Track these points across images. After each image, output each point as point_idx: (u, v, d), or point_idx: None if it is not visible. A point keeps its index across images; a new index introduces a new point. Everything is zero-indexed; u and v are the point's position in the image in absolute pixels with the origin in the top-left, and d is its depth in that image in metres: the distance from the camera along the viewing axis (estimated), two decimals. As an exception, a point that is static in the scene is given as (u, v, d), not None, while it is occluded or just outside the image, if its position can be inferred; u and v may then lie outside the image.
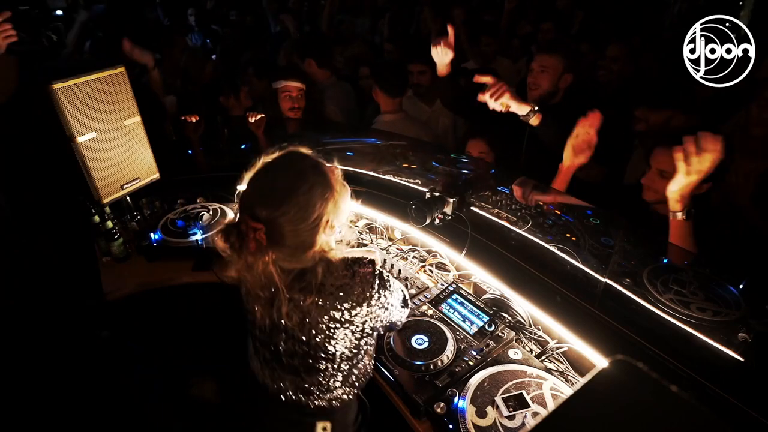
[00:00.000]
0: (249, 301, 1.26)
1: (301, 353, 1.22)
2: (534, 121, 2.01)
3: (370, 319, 1.21)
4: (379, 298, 1.20)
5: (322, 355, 1.22)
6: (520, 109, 1.97)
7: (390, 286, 1.25)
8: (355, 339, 1.22)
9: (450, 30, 2.18)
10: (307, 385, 1.27)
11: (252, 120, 2.74)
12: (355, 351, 1.26)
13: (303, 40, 4.01)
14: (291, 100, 2.87)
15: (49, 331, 2.44)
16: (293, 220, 1.10)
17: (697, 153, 1.39)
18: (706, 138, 1.39)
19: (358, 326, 1.20)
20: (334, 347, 1.21)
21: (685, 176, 1.45)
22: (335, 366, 1.25)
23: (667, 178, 1.71)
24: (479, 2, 4.92)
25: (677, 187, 1.50)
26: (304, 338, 1.19)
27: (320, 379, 1.26)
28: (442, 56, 2.27)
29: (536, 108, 1.99)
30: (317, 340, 1.19)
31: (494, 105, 1.93)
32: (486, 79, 1.91)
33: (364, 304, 1.18)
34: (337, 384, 1.29)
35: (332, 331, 1.18)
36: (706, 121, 2.35)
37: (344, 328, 1.19)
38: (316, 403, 1.29)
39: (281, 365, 1.28)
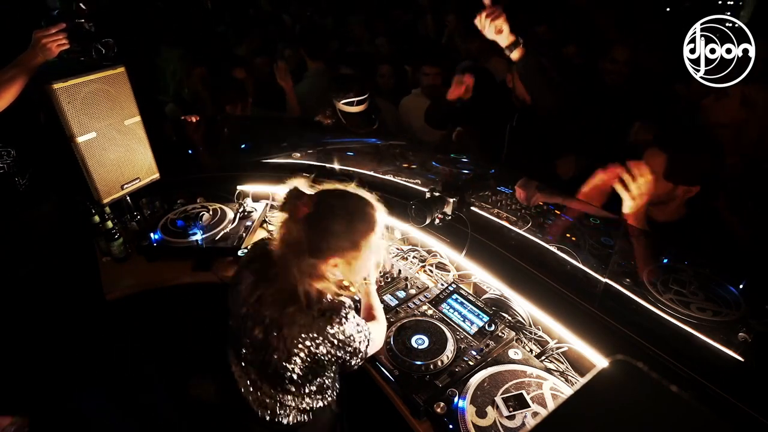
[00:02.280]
0: (241, 303, 1.32)
1: (266, 365, 1.27)
2: (515, 55, 1.95)
3: (326, 350, 1.22)
4: (335, 334, 1.22)
5: (281, 372, 1.25)
6: (508, 38, 1.90)
7: (346, 325, 1.25)
8: (306, 367, 1.24)
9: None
10: (271, 400, 1.35)
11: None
12: (309, 378, 1.30)
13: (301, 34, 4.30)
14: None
15: (50, 330, 2.44)
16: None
17: (634, 180, 1.58)
18: (635, 166, 1.59)
19: (313, 354, 1.22)
20: (290, 369, 1.24)
21: (632, 201, 1.60)
22: (293, 388, 1.31)
23: (658, 180, 1.72)
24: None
25: (630, 211, 1.63)
26: (272, 352, 1.23)
27: (281, 397, 1.34)
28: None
29: (520, 40, 1.92)
30: (276, 356, 1.23)
31: (488, 29, 1.88)
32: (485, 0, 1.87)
33: (321, 337, 1.21)
34: (300, 404, 1.35)
35: (291, 352, 1.21)
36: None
37: (302, 352, 1.21)
38: (283, 420, 1.36)
39: (252, 372, 1.36)
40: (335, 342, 1.22)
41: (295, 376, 1.25)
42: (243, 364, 1.38)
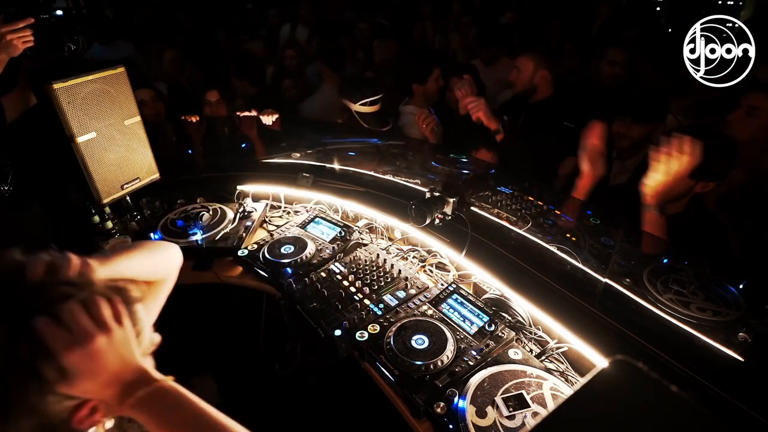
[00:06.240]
0: None
1: None
2: (499, 137, 2.35)
3: None
4: None
5: None
6: (490, 125, 2.30)
7: None
8: None
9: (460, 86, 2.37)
10: None
11: (267, 119, 2.78)
12: None
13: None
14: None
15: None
16: None
17: (677, 154, 1.49)
18: (686, 141, 1.47)
19: None
20: None
21: (660, 174, 1.56)
22: None
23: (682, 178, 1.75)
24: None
25: (652, 183, 1.60)
26: None
27: None
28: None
29: (500, 129, 2.34)
30: None
31: (470, 112, 2.24)
32: (466, 88, 2.22)
33: None
34: None
35: None
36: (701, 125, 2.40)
37: None
38: None
39: None
40: None
41: None
42: None
